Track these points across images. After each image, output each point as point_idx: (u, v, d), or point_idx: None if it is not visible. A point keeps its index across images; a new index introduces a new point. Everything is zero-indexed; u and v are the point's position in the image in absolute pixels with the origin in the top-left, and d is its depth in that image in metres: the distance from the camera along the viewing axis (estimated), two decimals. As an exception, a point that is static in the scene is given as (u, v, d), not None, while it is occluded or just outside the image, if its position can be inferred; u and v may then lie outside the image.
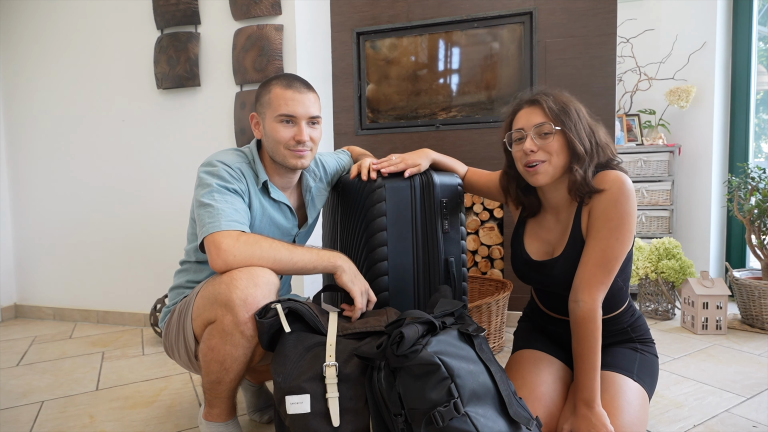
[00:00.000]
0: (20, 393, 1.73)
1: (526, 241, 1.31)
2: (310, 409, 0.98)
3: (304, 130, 1.25)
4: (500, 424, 0.93)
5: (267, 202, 1.29)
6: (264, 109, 1.26)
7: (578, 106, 1.20)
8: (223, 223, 1.12)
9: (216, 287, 1.08)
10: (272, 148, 1.27)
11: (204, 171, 1.21)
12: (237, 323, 1.05)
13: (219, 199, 1.15)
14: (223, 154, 1.26)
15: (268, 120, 1.25)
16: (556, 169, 1.17)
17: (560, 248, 1.22)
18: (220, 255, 1.08)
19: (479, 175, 1.45)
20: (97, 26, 2.53)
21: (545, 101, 1.18)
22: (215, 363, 1.10)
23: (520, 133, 1.20)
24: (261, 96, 1.27)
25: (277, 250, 1.12)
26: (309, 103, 1.26)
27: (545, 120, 1.16)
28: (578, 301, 1.14)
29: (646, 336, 1.29)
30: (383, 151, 2.56)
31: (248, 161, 1.29)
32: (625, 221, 1.11)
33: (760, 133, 3.17)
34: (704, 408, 1.49)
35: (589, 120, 1.20)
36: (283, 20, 2.25)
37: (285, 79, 1.26)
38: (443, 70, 2.47)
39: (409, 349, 0.93)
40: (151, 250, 2.52)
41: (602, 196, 1.13)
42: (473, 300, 2.27)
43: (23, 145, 2.74)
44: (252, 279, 1.06)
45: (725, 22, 2.93)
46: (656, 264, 2.51)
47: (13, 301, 2.82)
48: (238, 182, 1.21)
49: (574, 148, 1.15)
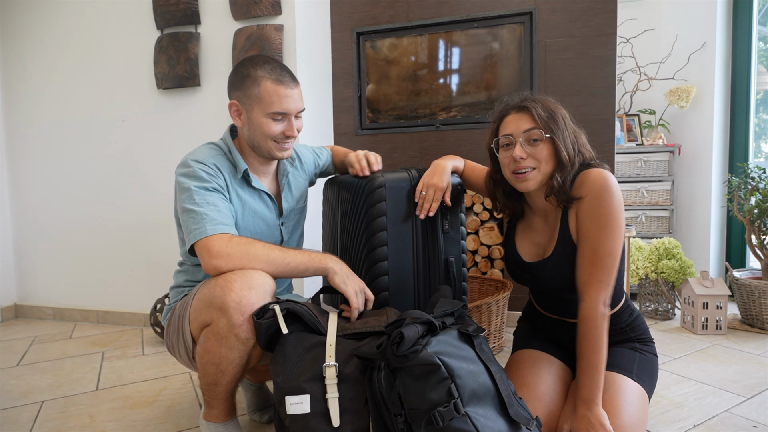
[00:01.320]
0: (20, 393, 1.73)
1: (518, 243, 1.32)
2: (309, 409, 0.98)
3: (294, 125, 1.26)
4: (500, 425, 0.93)
5: (247, 194, 1.28)
6: (251, 101, 1.23)
7: (564, 113, 1.20)
8: (209, 227, 1.12)
9: (211, 290, 1.08)
10: (258, 141, 1.26)
11: (180, 174, 1.20)
12: (231, 326, 1.06)
13: (200, 202, 1.15)
14: (197, 152, 1.25)
15: (257, 114, 1.23)
16: (544, 176, 1.18)
17: (550, 249, 1.22)
18: (212, 260, 1.09)
19: (472, 168, 1.43)
20: (97, 26, 2.53)
21: (534, 108, 1.17)
22: (211, 365, 1.11)
23: (508, 139, 1.20)
24: (247, 87, 1.23)
25: (270, 251, 1.12)
26: (298, 97, 1.26)
27: (534, 126, 1.16)
28: (581, 301, 1.14)
29: (646, 335, 1.29)
30: (383, 151, 2.56)
31: (224, 153, 1.28)
32: (612, 217, 1.11)
33: (760, 133, 3.17)
34: (704, 408, 1.50)
35: (574, 126, 1.21)
36: (283, 20, 2.25)
37: (273, 71, 1.23)
38: (443, 70, 2.47)
39: (409, 349, 0.93)
40: (151, 250, 2.52)
41: (587, 196, 1.14)
42: (473, 300, 2.27)
43: (23, 144, 2.74)
44: (247, 282, 1.06)
45: (725, 22, 2.93)
46: (656, 264, 2.51)
47: (13, 301, 2.82)
48: (215, 179, 1.21)
49: (560, 155, 1.15)
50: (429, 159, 2.48)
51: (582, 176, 1.16)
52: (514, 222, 1.36)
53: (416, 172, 1.35)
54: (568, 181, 1.16)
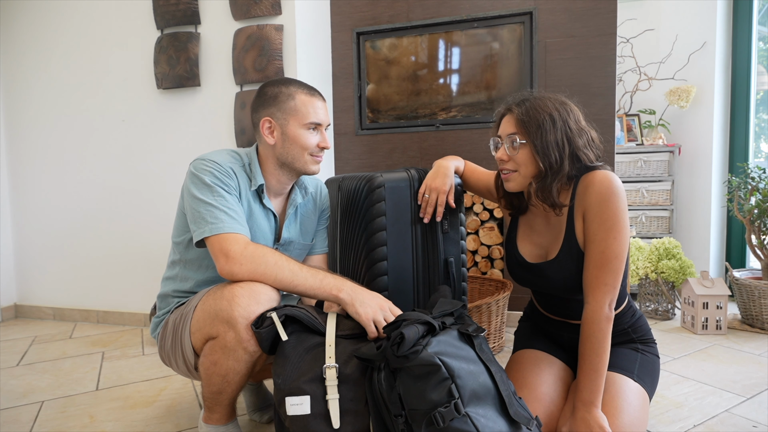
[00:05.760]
0: (20, 393, 1.73)
1: (519, 243, 1.31)
2: (310, 410, 0.98)
3: (326, 137, 1.28)
4: (501, 425, 0.93)
5: (256, 207, 1.28)
6: (287, 115, 1.23)
7: (557, 116, 1.15)
8: (227, 225, 1.12)
9: (217, 303, 1.08)
10: (294, 155, 1.25)
11: (198, 169, 1.19)
12: (240, 340, 1.06)
13: (219, 199, 1.15)
14: (216, 154, 1.25)
15: (293, 127, 1.23)
16: (525, 179, 1.19)
17: (554, 252, 1.22)
18: (228, 263, 1.09)
19: (472, 170, 1.44)
20: (97, 26, 2.53)
21: (518, 111, 1.18)
22: (217, 377, 1.11)
23: (497, 140, 1.23)
24: (281, 102, 1.24)
25: (281, 270, 1.10)
26: (326, 110, 1.30)
27: (514, 131, 1.18)
28: (586, 303, 1.14)
29: (648, 336, 1.29)
30: (383, 151, 2.56)
31: (242, 164, 1.27)
32: (619, 219, 1.12)
33: (760, 133, 3.17)
34: (704, 408, 1.49)
35: (570, 129, 1.16)
36: (283, 20, 2.25)
37: (304, 86, 1.27)
38: (443, 70, 2.47)
39: (409, 349, 0.93)
40: (151, 250, 2.52)
41: (593, 198, 1.13)
42: (473, 300, 2.27)
43: (23, 144, 2.74)
44: (254, 297, 1.07)
45: (725, 22, 2.93)
46: (656, 264, 2.51)
47: (13, 301, 2.82)
48: (231, 181, 1.21)
49: (537, 162, 1.16)
50: (429, 159, 2.49)
51: (586, 179, 1.16)
52: (515, 221, 1.36)
53: (416, 172, 1.35)
54: (551, 187, 1.15)
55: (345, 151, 2.63)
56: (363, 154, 2.60)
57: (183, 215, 1.26)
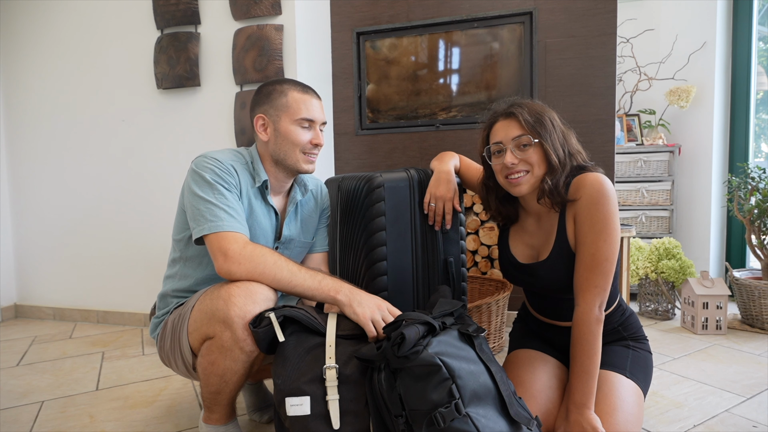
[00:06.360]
0: (20, 393, 1.73)
1: (511, 244, 1.32)
2: (310, 411, 0.98)
3: (320, 134, 1.28)
4: (501, 425, 0.93)
5: (258, 205, 1.28)
6: (278, 112, 1.24)
7: (552, 115, 1.20)
8: (226, 223, 1.12)
9: (213, 303, 1.08)
10: (286, 151, 1.26)
11: (199, 166, 1.20)
12: (237, 340, 1.06)
13: (219, 197, 1.15)
14: (218, 152, 1.25)
15: (284, 123, 1.24)
16: (536, 179, 1.19)
17: (545, 252, 1.23)
18: (227, 262, 1.09)
19: (468, 166, 1.43)
20: (97, 26, 2.53)
21: (520, 113, 1.18)
22: (215, 377, 1.11)
23: (499, 146, 1.21)
24: (274, 99, 1.25)
25: (280, 270, 1.11)
26: (321, 109, 1.29)
27: (523, 132, 1.17)
28: (576, 305, 1.15)
29: (638, 333, 1.29)
30: (383, 151, 2.56)
31: (245, 162, 1.28)
32: (610, 221, 1.12)
33: (760, 133, 3.17)
34: (704, 408, 1.50)
35: (563, 128, 1.21)
36: (283, 20, 2.25)
37: (298, 84, 1.28)
38: (443, 70, 2.47)
39: (410, 350, 0.93)
40: (151, 250, 2.52)
41: (583, 201, 1.14)
42: (473, 300, 2.27)
43: (23, 144, 2.73)
44: (250, 296, 1.07)
45: (725, 22, 2.93)
46: (656, 264, 2.51)
47: (13, 301, 2.82)
48: (232, 179, 1.21)
49: (550, 159, 1.16)
50: (429, 159, 2.48)
51: (578, 180, 1.16)
52: (507, 226, 1.36)
53: (415, 172, 1.35)
54: (561, 182, 1.17)
55: (345, 151, 2.63)
56: (363, 154, 2.60)
57: (183, 213, 1.26)
